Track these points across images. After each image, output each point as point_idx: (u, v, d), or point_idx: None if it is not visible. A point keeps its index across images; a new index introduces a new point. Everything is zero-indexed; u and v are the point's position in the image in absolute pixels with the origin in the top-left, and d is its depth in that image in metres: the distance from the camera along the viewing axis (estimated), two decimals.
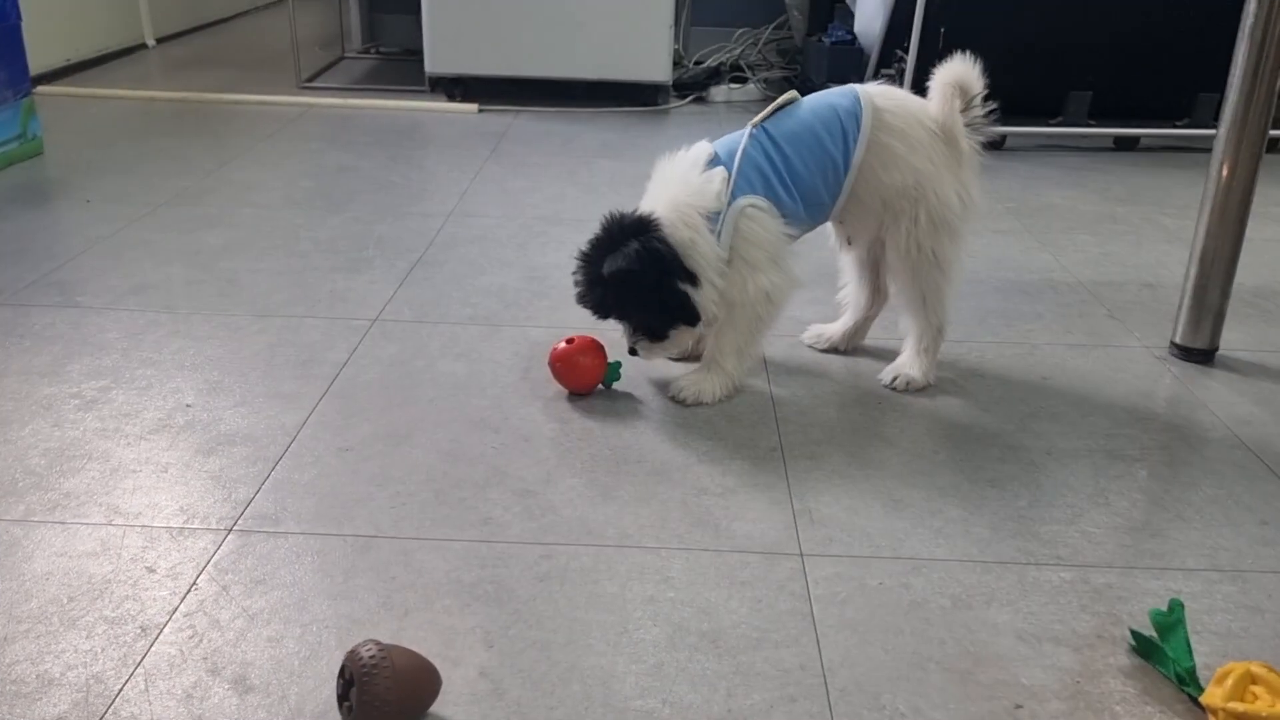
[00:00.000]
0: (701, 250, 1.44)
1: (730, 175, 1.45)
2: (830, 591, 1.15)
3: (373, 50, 4.09)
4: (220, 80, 3.61)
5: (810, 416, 1.51)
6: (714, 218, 1.45)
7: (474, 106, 3.29)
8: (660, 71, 3.34)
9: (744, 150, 1.47)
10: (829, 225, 1.62)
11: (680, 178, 1.48)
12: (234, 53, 4.17)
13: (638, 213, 1.47)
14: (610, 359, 1.55)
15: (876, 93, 1.52)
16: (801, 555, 1.21)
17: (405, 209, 2.36)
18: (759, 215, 1.46)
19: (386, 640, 1.02)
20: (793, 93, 1.54)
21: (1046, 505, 1.32)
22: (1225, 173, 1.64)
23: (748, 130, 1.50)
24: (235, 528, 1.22)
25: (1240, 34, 1.58)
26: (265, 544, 1.19)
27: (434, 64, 3.30)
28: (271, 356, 1.63)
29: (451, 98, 3.37)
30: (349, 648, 0.97)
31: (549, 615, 1.09)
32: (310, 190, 2.48)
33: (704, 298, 1.46)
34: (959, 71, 1.51)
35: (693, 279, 1.45)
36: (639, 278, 1.42)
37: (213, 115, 3.17)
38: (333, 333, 1.72)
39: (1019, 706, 1.00)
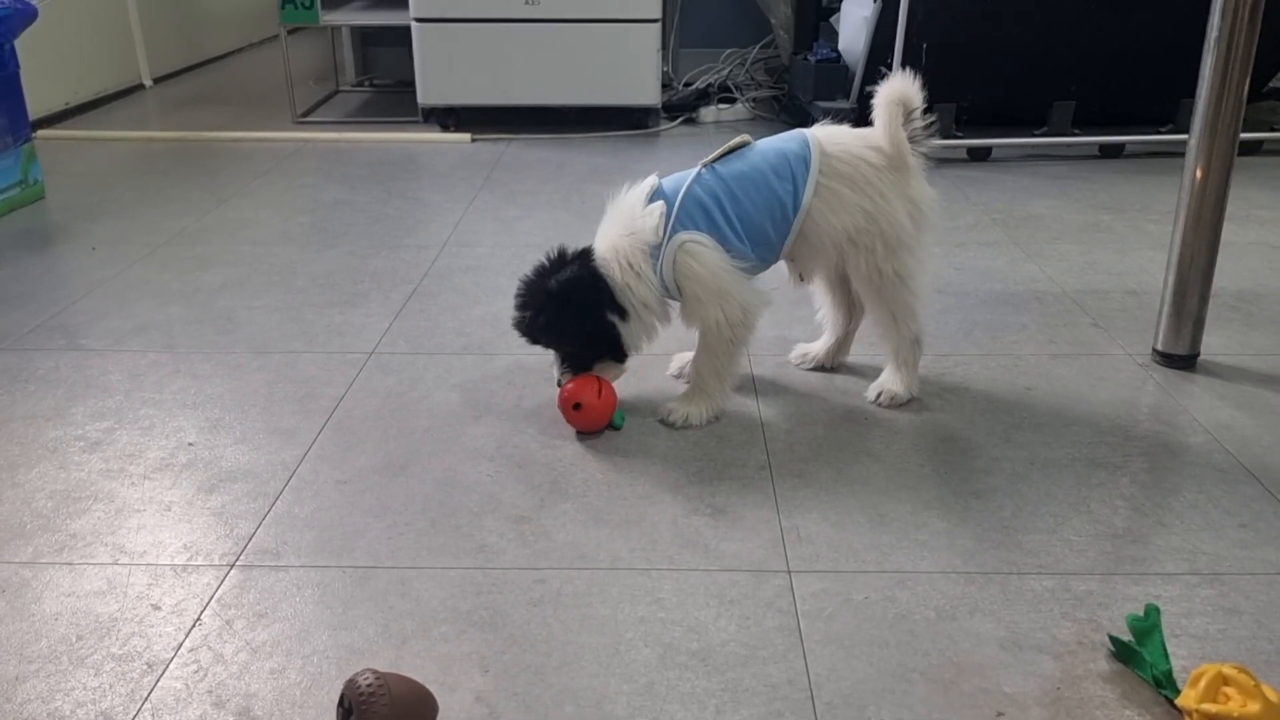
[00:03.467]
0: (633, 285, 1.49)
1: (671, 210, 1.49)
2: (817, 607, 1.18)
3: (366, 83, 4.15)
4: (217, 118, 3.66)
5: (797, 434, 1.55)
6: (654, 252, 1.49)
7: (467, 136, 3.34)
8: (649, 95, 3.38)
9: (688, 187, 1.51)
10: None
11: (623, 213, 1.53)
12: (230, 90, 4.23)
13: (581, 247, 1.54)
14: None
15: (824, 136, 1.55)
16: (789, 572, 1.24)
17: (400, 241, 2.40)
18: (697, 249, 1.49)
19: (384, 668, 1.05)
20: (744, 136, 1.57)
21: (1029, 515, 1.35)
22: (1198, 179, 1.68)
23: (696, 169, 1.54)
24: (238, 563, 1.25)
25: (1206, 45, 1.62)
26: (267, 578, 1.22)
27: (426, 95, 3.36)
28: (270, 393, 1.67)
29: (445, 128, 3.42)
30: (348, 677, 1.00)
31: (542, 639, 1.12)
32: (306, 225, 2.53)
33: (631, 332, 1.52)
34: (900, 88, 1.54)
35: (621, 312, 1.50)
36: (566, 306, 1.49)
37: (210, 154, 3.22)
38: (330, 367, 1.76)
39: (1000, 714, 1.03)
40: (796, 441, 1.53)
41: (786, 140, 1.56)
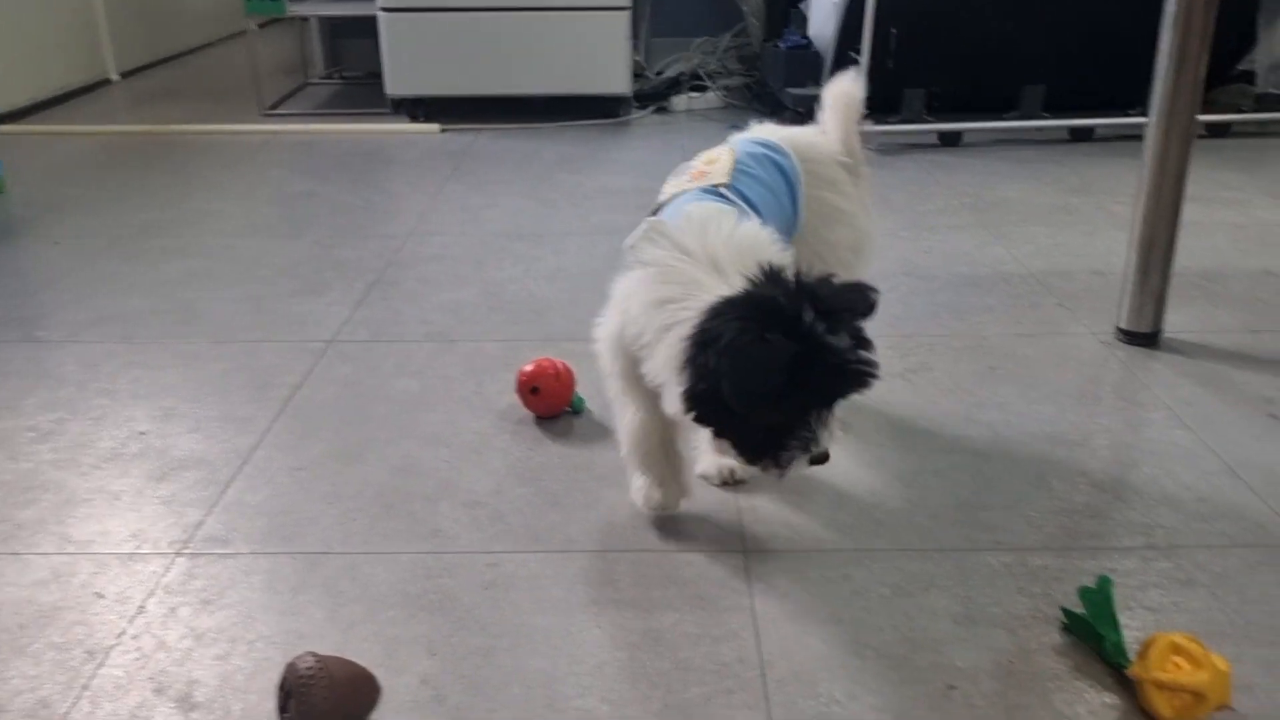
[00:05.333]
0: None
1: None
2: (771, 586, 1.17)
3: (336, 75, 4.11)
4: (184, 112, 3.62)
5: None
6: None
7: (436, 127, 3.31)
8: (620, 83, 3.36)
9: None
10: None
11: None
12: (197, 84, 4.19)
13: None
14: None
15: (794, 141, 1.38)
16: (745, 552, 1.23)
17: (366, 231, 2.38)
18: None
19: (329, 653, 1.03)
20: (728, 148, 1.36)
21: (989, 492, 1.34)
22: (1158, 160, 1.67)
23: (710, 192, 1.25)
24: (185, 551, 1.23)
25: (1163, 26, 1.61)
26: (214, 565, 1.20)
27: (394, 86, 3.33)
28: (227, 382, 1.65)
29: (414, 119, 3.40)
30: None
31: (492, 621, 1.11)
32: (272, 217, 2.50)
33: None
34: (849, 89, 1.43)
35: None
36: None
37: (177, 147, 3.19)
38: (289, 356, 1.74)
39: (952, 687, 1.02)
40: None
41: (773, 151, 1.35)
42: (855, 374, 1.02)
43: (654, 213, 1.25)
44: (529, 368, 1.51)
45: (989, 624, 1.10)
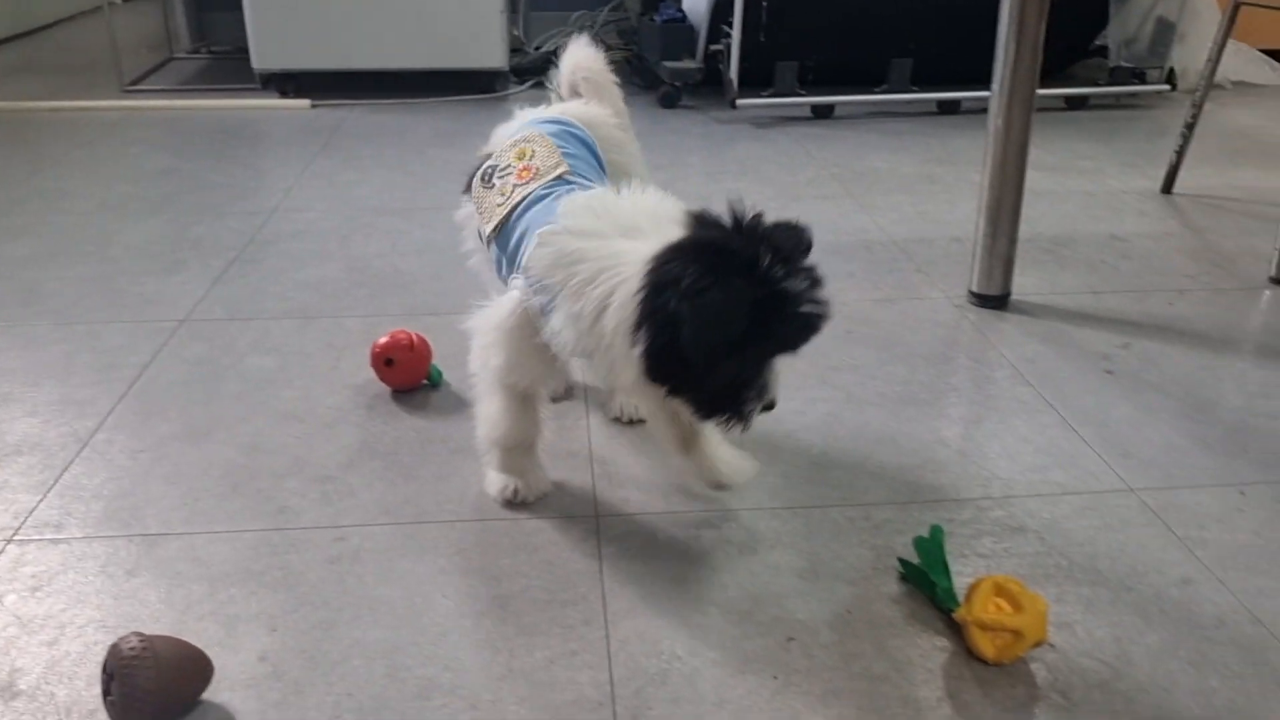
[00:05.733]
0: None
1: None
2: (621, 549, 1.18)
3: (203, 50, 3.97)
4: (38, 88, 3.46)
5: None
6: None
7: (306, 102, 3.23)
8: (497, 58, 3.33)
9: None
10: None
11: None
12: (54, 59, 4.00)
13: None
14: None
15: (578, 115, 1.36)
16: (597, 517, 1.23)
17: (227, 208, 2.31)
18: None
19: (163, 634, 1.00)
20: (536, 132, 1.31)
21: (839, 452, 1.37)
22: (1002, 129, 1.72)
23: (562, 188, 1.23)
24: (15, 538, 1.18)
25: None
26: (46, 551, 1.16)
27: (261, 60, 3.23)
28: (69, 364, 1.58)
29: (284, 94, 3.30)
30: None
31: (336, 596, 1.09)
32: (127, 195, 2.41)
33: None
34: (589, 57, 1.43)
35: None
36: None
37: (27, 124, 3.04)
38: (137, 336, 1.68)
39: (791, 639, 1.04)
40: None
41: (561, 124, 1.32)
42: (814, 318, 1.01)
43: (504, 223, 1.23)
44: (383, 340, 1.48)
45: (831, 577, 1.13)
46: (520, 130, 1.33)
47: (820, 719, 0.94)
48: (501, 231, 1.22)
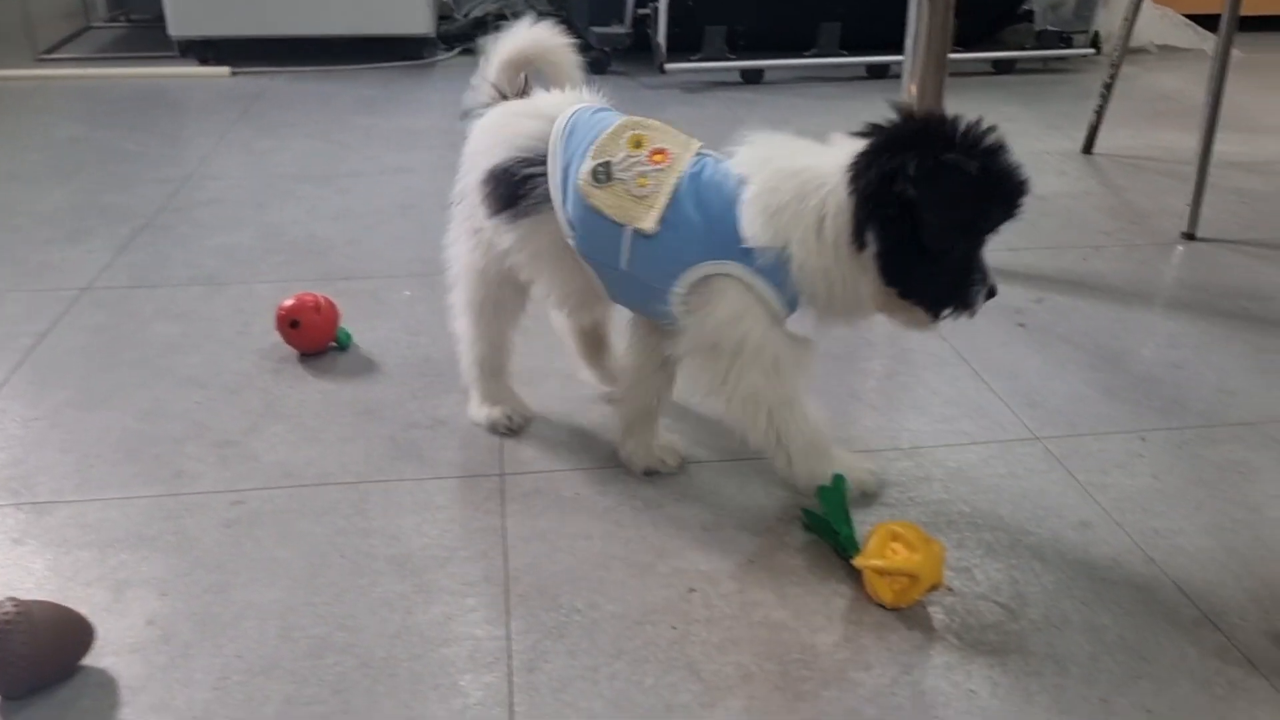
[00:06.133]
0: None
1: None
2: (526, 506, 1.16)
3: (121, 18, 3.86)
4: None
5: (534, 342, 1.52)
6: None
7: (226, 70, 3.15)
8: (422, 23, 3.26)
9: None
10: None
11: None
12: None
13: None
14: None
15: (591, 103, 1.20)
16: (502, 475, 1.22)
17: (139, 177, 2.24)
18: None
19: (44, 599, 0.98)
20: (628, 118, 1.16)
21: None
22: (916, 94, 1.73)
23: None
24: None
25: None
26: None
27: (178, 26, 3.14)
28: None
29: (203, 62, 3.22)
30: None
31: (232, 559, 1.07)
32: (36, 164, 2.33)
33: None
34: (547, 36, 1.25)
35: None
36: None
37: None
38: (36, 305, 1.62)
39: (692, 590, 1.04)
40: (532, 350, 1.50)
41: (605, 110, 1.18)
42: (1025, 185, 1.01)
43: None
44: (288, 302, 1.45)
45: (735, 529, 1.13)
46: (582, 124, 1.13)
47: (717, 666, 0.94)
48: (664, 222, 1.08)
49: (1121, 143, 2.51)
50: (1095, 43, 3.39)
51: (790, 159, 1.07)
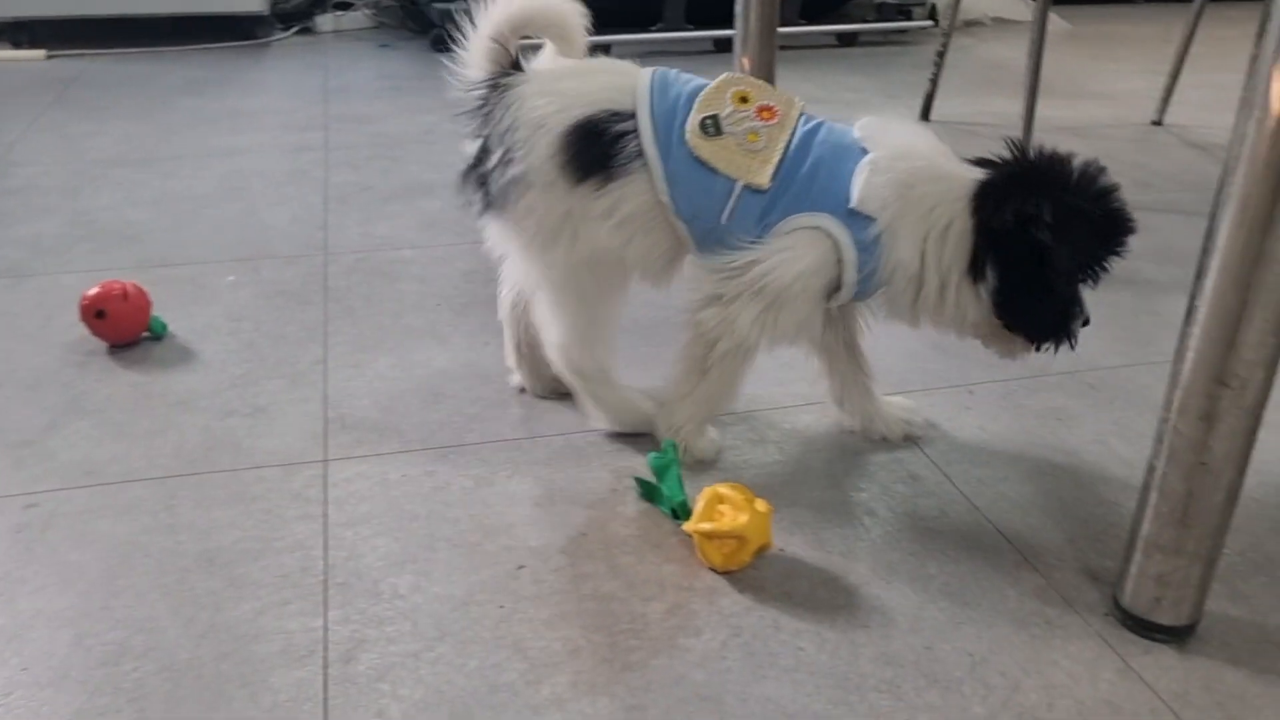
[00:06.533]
0: None
1: None
2: (349, 492, 1.11)
3: None
4: None
5: (364, 325, 1.47)
6: None
7: (41, 53, 2.95)
8: (254, 1, 3.12)
9: None
10: None
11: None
12: None
13: None
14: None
15: (624, 69, 1.12)
16: (325, 461, 1.16)
17: None
18: None
19: None
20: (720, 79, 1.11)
21: None
22: (747, 66, 1.72)
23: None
24: None
25: None
26: None
27: None
28: None
29: (17, 45, 3.01)
30: None
31: (20, 566, 0.99)
32: None
33: None
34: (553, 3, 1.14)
35: None
36: None
37: None
38: None
39: (521, 567, 1.01)
40: (361, 333, 1.45)
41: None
42: (1132, 233, 1.03)
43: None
44: (93, 291, 1.36)
45: (568, 502, 1.10)
46: (672, 79, 1.09)
47: (545, 643, 0.91)
48: (776, 177, 1.05)
49: (956, 109, 2.58)
50: (933, 15, 3.48)
51: (930, 157, 1.06)
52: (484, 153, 1.11)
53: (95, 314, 1.35)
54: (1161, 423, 0.85)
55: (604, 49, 3.08)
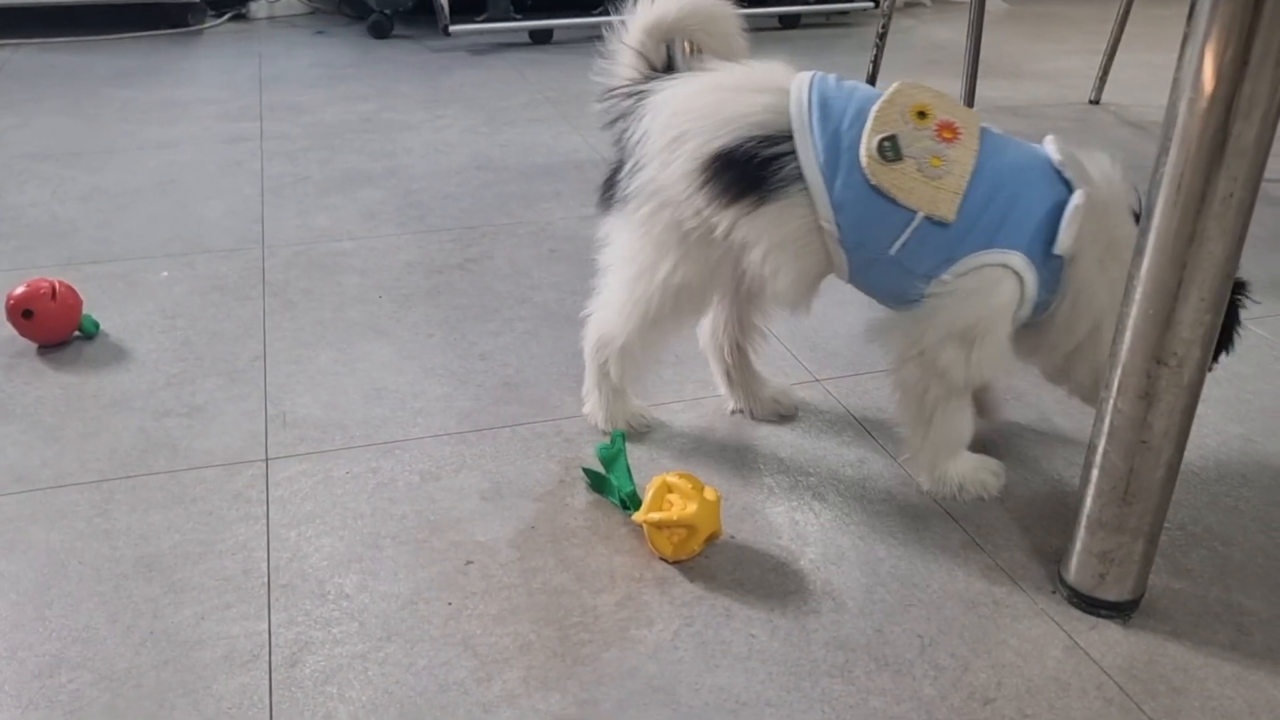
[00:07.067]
0: None
1: None
2: (291, 491, 1.09)
3: None
4: None
5: (302, 321, 1.44)
6: None
7: None
8: None
9: None
10: None
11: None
12: None
13: None
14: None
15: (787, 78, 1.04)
16: (266, 460, 1.14)
17: None
18: None
19: None
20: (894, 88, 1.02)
21: (535, 370, 1.33)
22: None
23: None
24: None
25: None
26: None
27: None
28: None
29: None
30: None
31: None
32: None
33: None
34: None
35: None
36: None
37: None
38: None
39: (469, 562, 0.99)
40: (300, 327, 1.42)
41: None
42: None
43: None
44: (19, 290, 1.31)
45: (516, 495, 1.09)
46: (833, 93, 1.01)
47: (494, 639, 0.90)
48: (963, 207, 0.98)
49: None
50: None
51: (1126, 193, 1.00)
52: (619, 157, 1.07)
53: (22, 314, 1.30)
54: (1102, 402, 0.86)
55: (546, 34, 3.05)
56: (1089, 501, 0.90)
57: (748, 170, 0.99)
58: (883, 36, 2.45)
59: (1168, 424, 0.83)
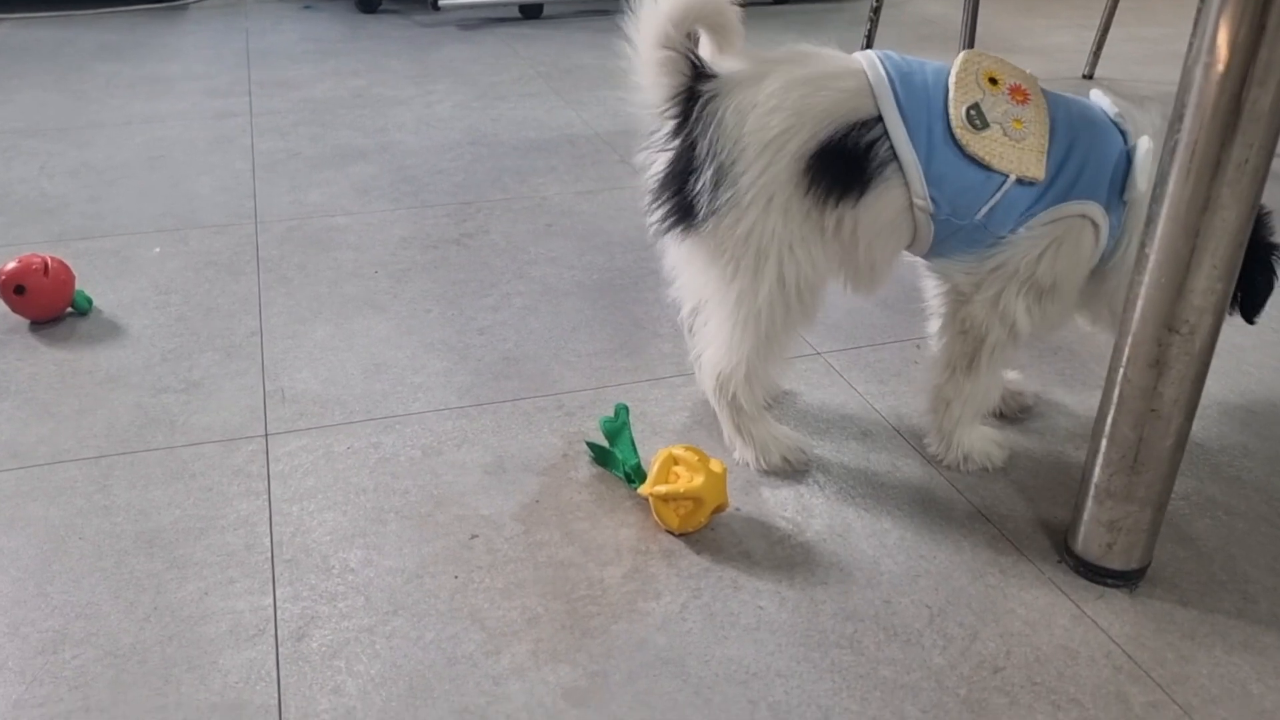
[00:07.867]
0: None
1: None
2: (292, 467, 1.08)
3: None
4: None
5: (298, 296, 1.42)
6: None
7: None
8: None
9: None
10: None
11: None
12: None
13: None
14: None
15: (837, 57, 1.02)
16: (266, 436, 1.13)
17: None
18: None
19: None
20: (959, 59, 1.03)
21: (533, 344, 1.32)
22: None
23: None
24: None
25: None
26: None
27: None
28: None
29: None
30: None
31: None
32: None
33: None
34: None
35: None
36: None
37: None
38: None
39: (474, 536, 0.99)
40: (297, 303, 1.41)
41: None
42: None
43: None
44: (10, 266, 1.30)
45: (519, 470, 1.08)
46: (905, 66, 0.99)
47: (502, 612, 0.90)
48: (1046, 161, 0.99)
49: None
50: None
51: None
52: (685, 169, 0.98)
53: (14, 289, 1.29)
54: (1112, 370, 0.86)
55: (536, 8, 3.02)
56: (1097, 471, 0.90)
57: (850, 162, 0.96)
58: (876, 11, 2.43)
59: (1178, 392, 0.83)
